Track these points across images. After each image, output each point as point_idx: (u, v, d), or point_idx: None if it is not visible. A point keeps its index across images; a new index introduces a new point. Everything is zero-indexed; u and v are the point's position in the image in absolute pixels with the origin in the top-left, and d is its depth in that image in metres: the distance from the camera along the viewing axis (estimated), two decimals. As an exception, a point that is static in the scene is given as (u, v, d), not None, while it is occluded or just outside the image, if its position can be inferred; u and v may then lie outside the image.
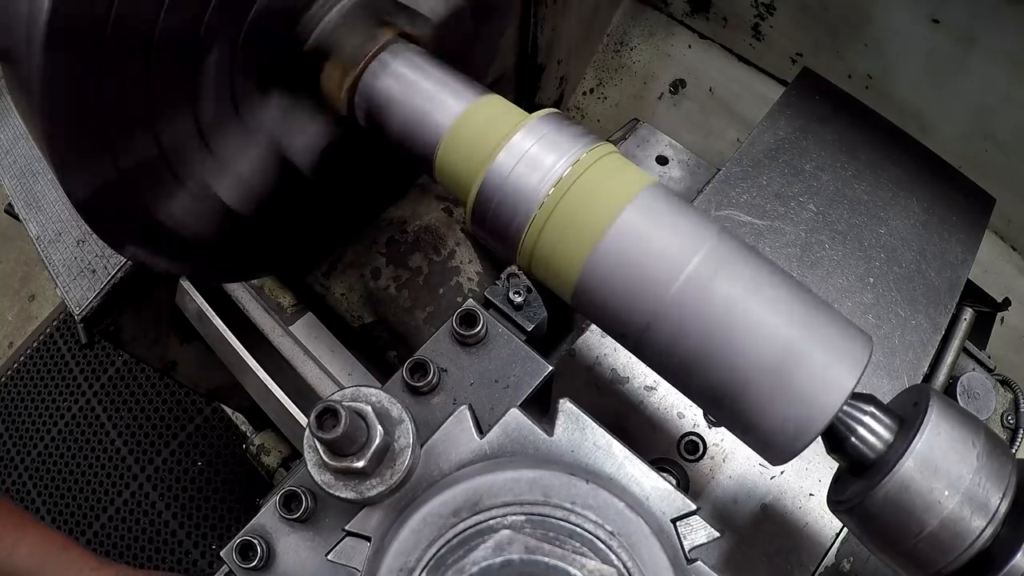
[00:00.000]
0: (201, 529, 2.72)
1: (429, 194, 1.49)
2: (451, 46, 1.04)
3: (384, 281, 1.40)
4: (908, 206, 1.23)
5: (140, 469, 2.83)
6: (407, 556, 0.60)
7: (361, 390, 0.65)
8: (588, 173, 0.74)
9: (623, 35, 2.40)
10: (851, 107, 1.34)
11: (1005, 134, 1.69)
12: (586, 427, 0.69)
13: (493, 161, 0.77)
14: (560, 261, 0.74)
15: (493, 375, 0.78)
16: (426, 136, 0.85)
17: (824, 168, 1.25)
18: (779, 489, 1.03)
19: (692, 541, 0.65)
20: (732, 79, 2.25)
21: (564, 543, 0.57)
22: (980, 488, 0.65)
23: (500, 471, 0.63)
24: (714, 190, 1.21)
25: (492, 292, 0.90)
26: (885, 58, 1.79)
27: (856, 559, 1.00)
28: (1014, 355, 1.85)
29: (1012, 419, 1.23)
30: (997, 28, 1.53)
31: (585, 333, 1.12)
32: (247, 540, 0.73)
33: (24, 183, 1.58)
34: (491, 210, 0.78)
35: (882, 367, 1.10)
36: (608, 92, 2.43)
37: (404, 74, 0.89)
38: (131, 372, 3.00)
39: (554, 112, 0.81)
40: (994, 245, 1.96)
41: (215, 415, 2.84)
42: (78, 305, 1.45)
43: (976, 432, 0.68)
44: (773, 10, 1.97)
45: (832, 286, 1.15)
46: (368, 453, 0.62)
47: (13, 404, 3.08)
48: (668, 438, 1.07)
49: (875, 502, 0.68)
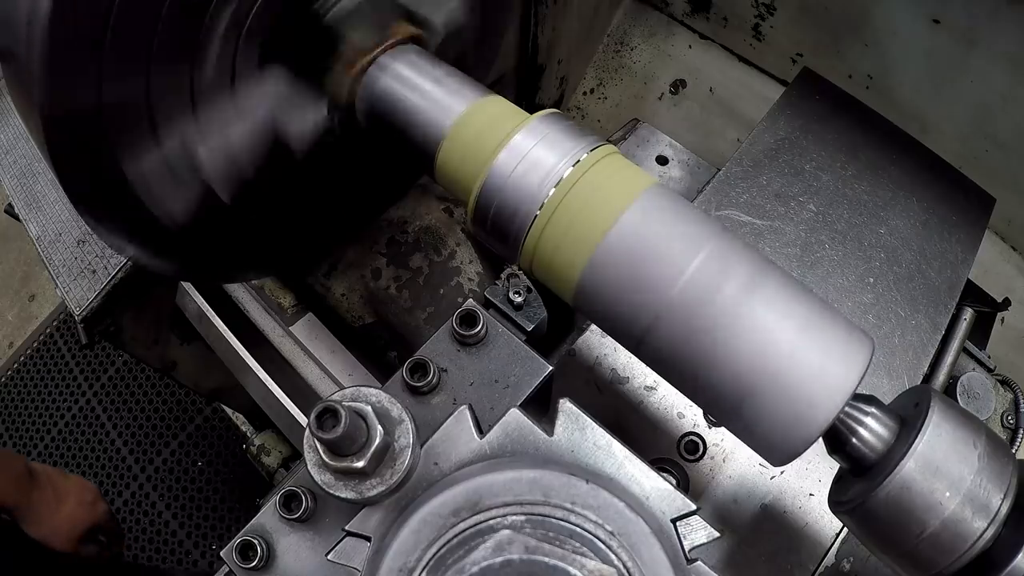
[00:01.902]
0: (201, 529, 2.72)
1: (429, 194, 1.49)
2: (454, 48, 1.04)
3: (384, 281, 1.40)
4: (908, 206, 1.23)
5: (140, 469, 2.83)
6: (407, 556, 0.60)
7: (361, 390, 0.65)
8: (589, 174, 0.74)
9: (623, 35, 2.39)
10: (851, 107, 1.34)
11: (1006, 134, 1.69)
12: (586, 427, 0.69)
13: (494, 162, 0.77)
14: (561, 263, 0.74)
15: (493, 375, 0.78)
16: (427, 136, 0.85)
17: (824, 168, 1.25)
18: (779, 489, 1.03)
19: (692, 541, 0.65)
20: (732, 79, 2.25)
21: (564, 543, 0.57)
22: (981, 489, 0.65)
23: (500, 471, 0.63)
24: (714, 190, 1.21)
25: (492, 292, 0.90)
26: (886, 58, 1.79)
27: (856, 559, 1.00)
28: (1014, 355, 1.85)
29: (1012, 419, 1.23)
30: (997, 28, 1.53)
31: (585, 333, 1.12)
32: (247, 540, 0.73)
33: (24, 183, 1.58)
34: (492, 211, 0.78)
35: (882, 367, 1.10)
36: (608, 92, 2.43)
37: (406, 74, 0.89)
38: (131, 372, 3.01)
39: (555, 112, 0.81)
40: (994, 245, 1.95)
41: (215, 415, 2.84)
42: (78, 305, 1.45)
43: (977, 433, 0.68)
44: (773, 10, 1.97)
45: (832, 286, 1.15)
46: (368, 453, 0.61)
47: (13, 404, 3.08)
48: (668, 438, 1.07)
49: (876, 503, 0.68)
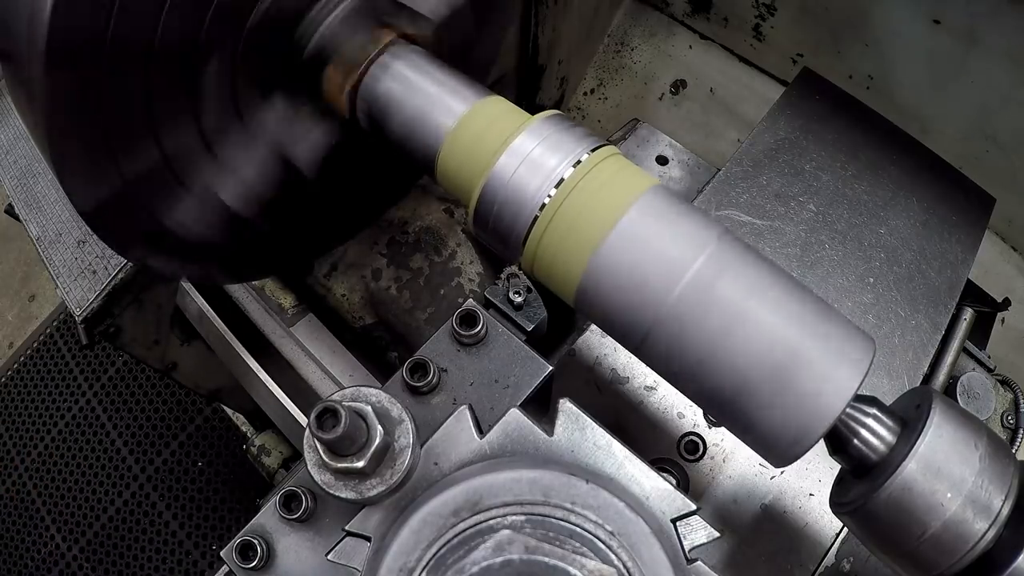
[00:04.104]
0: (201, 529, 2.72)
1: (430, 195, 1.49)
2: (452, 46, 1.04)
3: (385, 282, 1.40)
4: (908, 206, 1.23)
5: (140, 469, 2.83)
6: (407, 556, 0.60)
7: (361, 390, 0.65)
8: (590, 176, 0.74)
9: (624, 35, 2.39)
10: (851, 107, 1.34)
11: (1006, 134, 1.69)
12: (586, 427, 0.69)
13: (495, 163, 0.77)
14: (563, 264, 0.74)
15: (493, 375, 0.78)
16: (428, 138, 0.85)
17: (824, 168, 1.25)
18: (779, 489, 1.03)
19: (692, 541, 0.65)
20: (733, 79, 2.25)
21: (564, 543, 0.57)
22: (983, 490, 0.65)
23: (500, 471, 0.63)
24: (714, 190, 1.21)
25: (492, 292, 0.90)
26: (886, 59, 1.79)
27: (856, 559, 1.00)
28: (1014, 355, 1.85)
29: (1012, 419, 1.23)
30: (998, 28, 1.53)
31: (585, 333, 1.12)
32: (247, 540, 0.73)
33: (24, 183, 1.58)
34: (493, 213, 0.78)
35: (882, 367, 1.10)
36: (609, 92, 2.42)
37: (405, 75, 0.89)
38: (131, 373, 3.00)
39: (556, 114, 0.81)
40: (994, 245, 1.95)
41: (215, 416, 2.83)
42: (78, 306, 1.45)
43: (978, 434, 0.68)
44: (774, 10, 1.97)
45: (832, 286, 1.15)
46: (368, 453, 0.61)
47: (13, 404, 3.08)
48: (668, 438, 1.07)
49: (878, 504, 0.68)
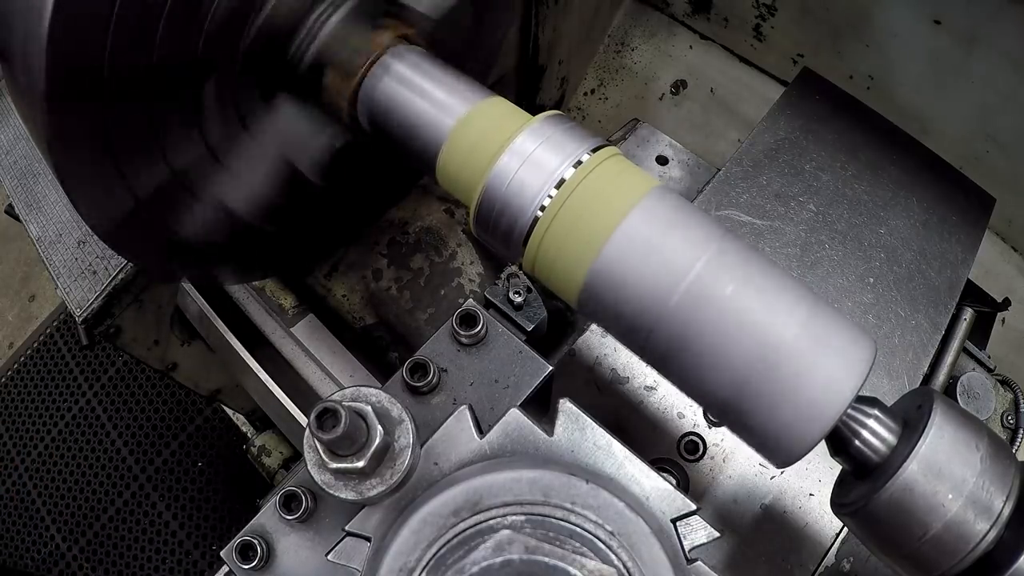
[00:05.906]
0: (201, 529, 2.72)
1: (430, 195, 1.49)
2: (452, 46, 1.03)
3: (385, 282, 1.40)
4: (908, 206, 1.23)
5: (140, 470, 2.83)
6: (407, 556, 0.60)
7: (361, 390, 0.65)
8: (592, 176, 0.74)
9: (624, 36, 2.39)
10: (851, 107, 1.34)
11: (1007, 135, 1.69)
12: (586, 427, 0.69)
13: (496, 164, 0.77)
14: (564, 265, 0.74)
15: (493, 375, 0.78)
16: (428, 139, 0.85)
17: (824, 168, 1.25)
18: (779, 489, 1.03)
19: (692, 541, 0.65)
20: (733, 80, 2.25)
21: (564, 543, 0.57)
22: (984, 491, 0.65)
23: (500, 471, 0.63)
24: (714, 190, 1.21)
25: (492, 292, 0.90)
26: (886, 59, 1.79)
27: (856, 559, 1.00)
28: (1014, 355, 1.85)
29: (1012, 419, 1.23)
30: (998, 29, 1.53)
31: (585, 333, 1.12)
32: (247, 540, 0.73)
33: (24, 184, 1.58)
34: (494, 214, 0.77)
35: (882, 367, 1.10)
36: (609, 93, 2.42)
37: (405, 77, 0.89)
38: (131, 373, 3.00)
39: (556, 114, 0.81)
40: (994, 245, 1.95)
41: (215, 416, 2.83)
42: (79, 306, 1.45)
43: (979, 435, 0.68)
44: (774, 11, 1.97)
45: (832, 286, 1.15)
46: (368, 453, 0.61)
47: (13, 404, 3.08)
48: (668, 438, 1.07)
49: (879, 505, 0.67)
